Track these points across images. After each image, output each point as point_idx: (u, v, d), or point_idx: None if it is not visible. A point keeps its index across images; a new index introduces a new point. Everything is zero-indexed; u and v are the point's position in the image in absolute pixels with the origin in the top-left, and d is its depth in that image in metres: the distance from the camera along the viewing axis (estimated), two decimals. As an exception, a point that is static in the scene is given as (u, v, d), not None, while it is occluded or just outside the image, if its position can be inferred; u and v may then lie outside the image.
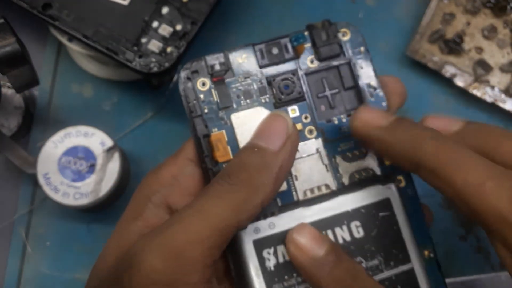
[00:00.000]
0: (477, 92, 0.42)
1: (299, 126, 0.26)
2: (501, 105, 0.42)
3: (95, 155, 0.37)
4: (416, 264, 0.26)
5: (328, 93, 0.27)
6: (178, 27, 0.36)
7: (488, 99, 0.42)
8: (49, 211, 0.40)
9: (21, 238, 0.40)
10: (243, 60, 0.26)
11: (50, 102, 0.42)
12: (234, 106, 0.26)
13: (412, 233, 0.26)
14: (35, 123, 0.42)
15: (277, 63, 0.27)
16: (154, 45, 0.36)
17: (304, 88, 0.27)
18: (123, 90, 0.43)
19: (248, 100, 0.26)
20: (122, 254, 0.24)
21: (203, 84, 0.26)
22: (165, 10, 0.37)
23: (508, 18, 0.44)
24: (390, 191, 0.26)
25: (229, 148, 0.26)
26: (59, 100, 0.43)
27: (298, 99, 0.27)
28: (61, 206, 0.36)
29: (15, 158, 0.38)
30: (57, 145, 0.37)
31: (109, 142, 0.37)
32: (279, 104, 0.26)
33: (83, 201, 0.36)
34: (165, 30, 0.36)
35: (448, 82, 0.43)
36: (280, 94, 0.26)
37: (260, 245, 0.25)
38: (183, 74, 0.26)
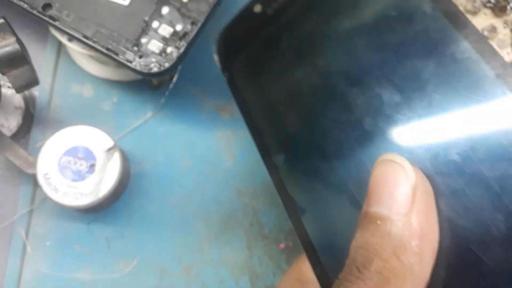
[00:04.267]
0: (477, 92, 0.42)
1: None
2: (501, 105, 0.42)
3: (95, 155, 0.37)
4: None
5: None
6: (178, 27, 0.36)
7: (488, 99, 0.42)
8: (49, 211, 0.40)
9: (21, 238, 0.40)
10: None
11: (50, 102, 0.42)
12: None
13: None
14: (35, 123, 0.42)
15: None
16: (154, 45, 0.36)
17: None
18: (123, 90, 0.43)
19: None
20: None
21: None
22: (165, 10, 0.37)
23: (508, 18, 0.44)
24: None
25: None
26: (59, 100, 0.43)
27: None
28: (61, 206, 0.36)
29: (15, 158, 0.38)
30: (57, 145, 0.37)
31: (109, 142, 0.37)
32: None
33: (83, 201, 0.36)
34: (165, 30, 0.36)
35: (448, 82, 0.43)
36: None
37: None
38: None
